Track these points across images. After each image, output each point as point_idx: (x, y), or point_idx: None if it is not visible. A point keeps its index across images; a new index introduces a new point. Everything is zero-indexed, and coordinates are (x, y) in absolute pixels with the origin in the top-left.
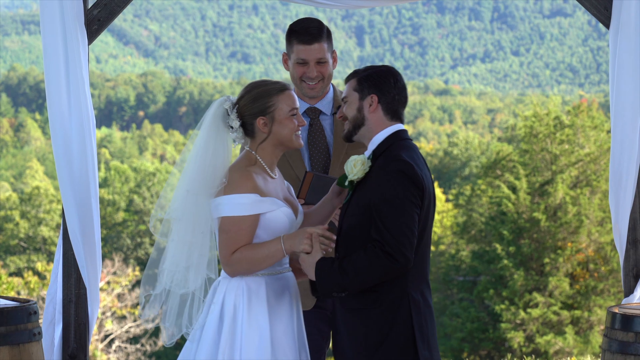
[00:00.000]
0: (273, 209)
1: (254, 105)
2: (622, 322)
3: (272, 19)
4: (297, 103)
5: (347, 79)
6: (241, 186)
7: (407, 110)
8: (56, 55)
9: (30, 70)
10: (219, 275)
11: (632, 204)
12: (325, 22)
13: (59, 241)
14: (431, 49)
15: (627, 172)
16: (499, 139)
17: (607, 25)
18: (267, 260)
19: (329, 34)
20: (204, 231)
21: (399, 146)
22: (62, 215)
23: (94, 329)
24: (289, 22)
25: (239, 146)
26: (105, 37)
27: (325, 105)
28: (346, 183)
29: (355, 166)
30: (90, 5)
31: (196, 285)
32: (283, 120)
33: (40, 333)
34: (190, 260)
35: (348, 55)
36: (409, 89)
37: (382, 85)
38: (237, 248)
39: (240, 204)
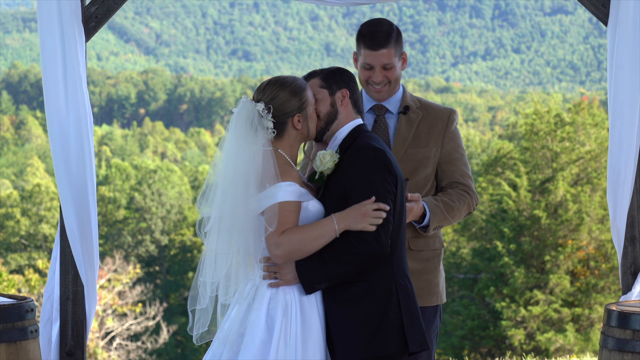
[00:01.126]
0: (309, 199)
1: (290, 103)
2: (620, 319)
3: (273, 16)
4: None
5: (307, 79)
6: (285, 175)
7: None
8: (54, 53)
9: (31, 67)
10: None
11: (630, 202)
12: (326, 20)
13: (57, 239)
14: (432, 47)
15: (625, 170)
16: (500, 137)
17: (605, 23)
18: (318, 240)
19: (398, 36)
20: (247, 235)
21: (366, 137)
22: (60, 212)
23: (91, 326)
24: (290, 20)
25: None
26: (106, 35)
27: (392, 103)
28: (316, 177)
29: (325, 158)
30: (87, 2)
31: (241, 291)
32: (311, 115)
33: (37, 331)
34: (232, 267)
35: (349, 52)
36: (410, 86)
37: (347, 80)
38: (284, 230)
39: (287, 191)
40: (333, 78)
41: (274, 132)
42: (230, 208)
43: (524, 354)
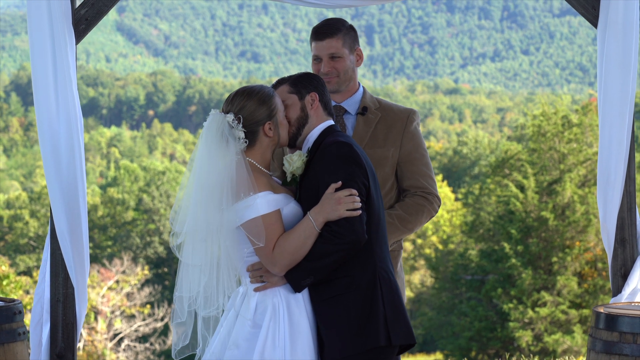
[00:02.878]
0: (287, 203)
1: (260, 112)
2: (607, 321)
3: (281, 18)
4: None
5: (275, 87)
6: (255, 187)
7: (416, 109)
8: (44, 55)
9: None
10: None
11: (620, 203)
12: None
13: (47, 240)
14: (441, 48)
15: (615, 172)
16: (509, 138)
17: (595, 25)
18: (307, 242)
19: (349, 30)
20: (226, 246)
21: (334, 135)
22: (50, 214)
23: (81, 328)
24: (298, 22)
25: None
26: (115, 37)
27: (351, 104)
28: (289, 180)
29: (292, 159)
30: (77, 4)
31: (222, 304)
32: (282, 121)
33: (25, 333)
34: (211, 280)
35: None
36: (419, 88)
37: (315, 84)
38: (273, 245)
39: (260, 204)
40: (301, 83)
41: (245, 142)
42: (205, 221)
43: (531, 356)
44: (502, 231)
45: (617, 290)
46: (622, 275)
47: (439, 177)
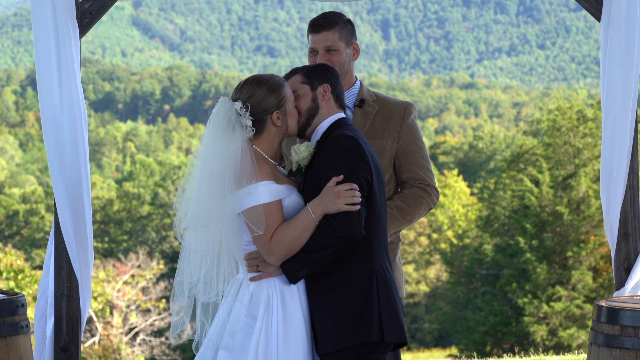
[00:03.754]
0: (289, 194)
1: (268, 101)
2: (608, 315)
3: (297, 12)
4: None
5: (288, 77)
6: (258, 175)
7: (432, 103)
8: (48, 49)
9: None
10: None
11: (623, 197)
12: (350, 16)
13: (51, 234)
14: (457, 43)
15: (618, 166)
16: (524, 133)
17: (598, 18)
18: (304, 234)
19: (346, 24)
20: (226, 233)
21: (342, 128)
22: (54, 208)
23: (85, 321)
24: (314, 16)
25: None
26: (131, 31)
27: (349, 97)
28: (294, 170)
29: (299, 149)
30: None
31: (222, 290)
32: (291, 111)
33: (27, 326)
34: (211, 265)
35: (374, 48)
36: (435, 82)
37: (329, 75)
38: (272, 234)
39: (261, 192)
40: (314, 73)
41: (252, 130)
42: (207, 207)
43: (540, 350)
44: (517, 226)
45: (620, 283)
46: (625, 269)
47: (455, 171)
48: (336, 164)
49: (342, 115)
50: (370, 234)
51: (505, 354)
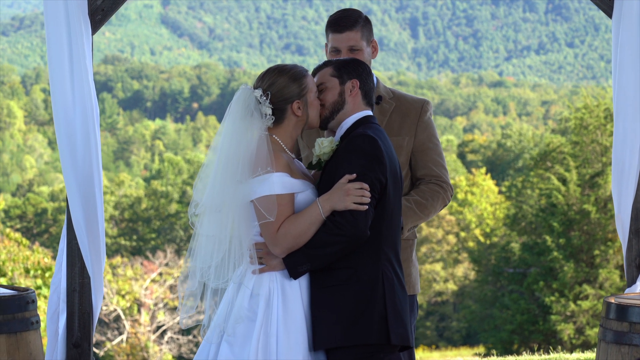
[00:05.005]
0: (304, 189)
1: (289, 90)
2: (617, 312)
3: (326, 10)
4: None
5: (319, 69)
6: (273, 164)
7: (461, 102)
8: (60, 45)
9: None
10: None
11: (634, 195)
12: (379, 14)
13: (63, 230)
14: (485, 41)
15: (630, 163)
16: (553, 131)
17: (610, 15)
18: (311, 228)
19: (366, 23)
20: (238, 220)
21: (365, 126)
22: (67, 204)
23: (97, 318)
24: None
25: None
26: (159, 29)
27: None
28: (314, 163)
29: (323, 144)
30: None
31: (229, 277)
32: (313, 102)
33: (38, 322)
34: (221, 253)
35: (402, 47)
36: (463, 80)
37: (360, 71)
38: (279, 226)
39: (276, 183)
40: (345, 68)
41: (272, 118)
42: (221, 192)
43: (572, 349)
44: (544, 224)
45: (632, 280)
46: (636, 266)
47: (483, 170)
48: (351, 162)
49: (368, 112)
50: (380, 235)
51: (525, 352)
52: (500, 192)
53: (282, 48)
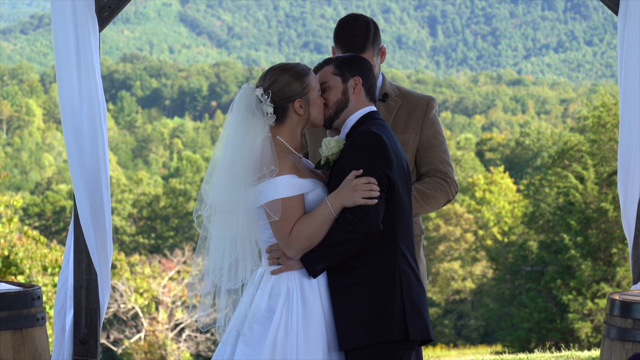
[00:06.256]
0: (313, 188)
1: (290, 88)
2: (622, 308)
3: (344, 9)
4: None
5: (320, 67)
6: (280, 169)
7: (479, 100)
8: (67, 43)
9: (103, 60)
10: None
11: None
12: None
13: (70, 227)
14: (504, 39)
15: (635, 160)
16: (571, 129)
17: (616, 12)
18: (323, 228)
19: (375, 36)
20: (247, 224)
21: (370, 123)
22: (74, 201)
23: (104, 314)
24: (361, 12)
25: None
26: (178, 28)
27: None
28: (322, 163)
29: (330, 144)
30: None
31: (244, 277)
32: (315, 100)
33: (44, 318)
34: (234, 254)
35: (421, 45)
36: (482, 79)
37: (361, 68)
38: (291, 228)
39: (282, 186)
40: (347, 65)
41: (274, 117)
42: (226, 193)
43: (589, 347)
44: (561, 222)
45: (638, 277)
46: None
47: (501, 168)
48: (357, 159)
49: (372, 108)
50: (394, 230)
51: (537, 349)
52: (518, 191)
53: (301, 46)
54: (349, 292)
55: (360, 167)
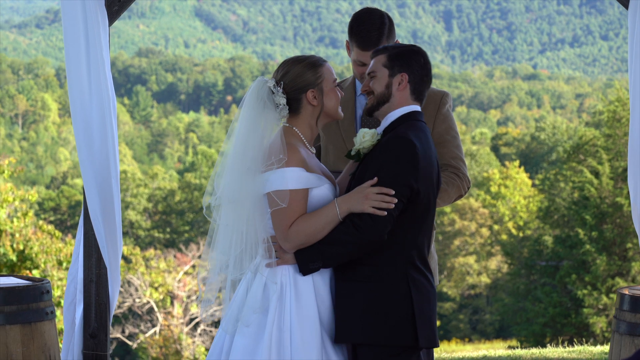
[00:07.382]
0: (319, 185)
1: (302, 78)
2: (631, 303)
3: (359, 3)
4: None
5: (376, 54)
6: (289, 160)
7: (495, 95)
8: (77, 37)
9: (118, 55)
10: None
11: None
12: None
13: (80, 222)
14: (520, 34)
15: None
16: (587, 124)
17: (626, 6)
18: (325, 228)
19: (390, 30)
20: (253, 212)
21: (408, 125)
22: (84, 196)
23: (114, 308)
24: (376, 7)
25: None
26: (193, 22)
27: None
28: (352, 153)
29: (364, 137)
30: None
31: (247, 268)
32: (329, 92)
33: (53, 312)
34: (241, 246)
35: (436, 40)
36: (497, 73)
37: (413, 64)
38: (292, 221)
39: (290, 178)
40: (399, 59)
41: (286, 109)
42: (235, 183)
43: (604, 342)
44: (576, 217)
45: None
46: None
47: (516, 162)
48: (382, 165)
49: (416, 108)
50: (406, 239)
51: (550, 344)
52: (533, 185)
53: (316, 41)
54: (352, 287)
55: (385, 172)
